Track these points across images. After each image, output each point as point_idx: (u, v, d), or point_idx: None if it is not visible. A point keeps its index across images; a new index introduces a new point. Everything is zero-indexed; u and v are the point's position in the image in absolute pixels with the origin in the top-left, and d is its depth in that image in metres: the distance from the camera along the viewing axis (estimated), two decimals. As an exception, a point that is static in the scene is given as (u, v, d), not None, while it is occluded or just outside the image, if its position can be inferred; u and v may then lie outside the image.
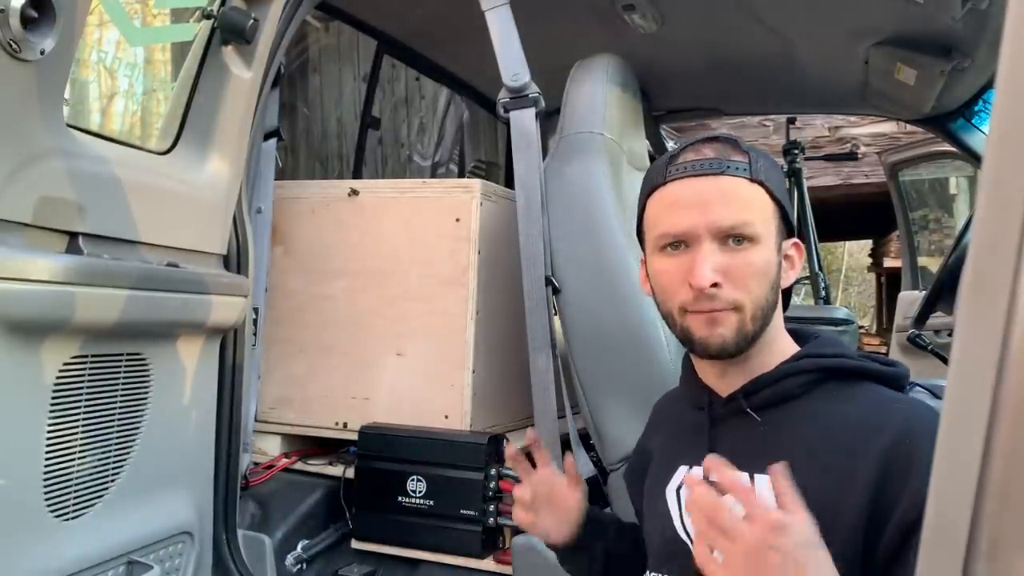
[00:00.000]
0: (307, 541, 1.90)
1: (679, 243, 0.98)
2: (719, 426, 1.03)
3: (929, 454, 0.78)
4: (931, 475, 0.44)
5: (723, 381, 1.03)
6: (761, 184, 0.97)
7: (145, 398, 1.46)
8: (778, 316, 1.02)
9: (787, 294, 1.07)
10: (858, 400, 0.96)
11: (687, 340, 1.01)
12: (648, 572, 1.09)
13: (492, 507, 1.78)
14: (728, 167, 0.96)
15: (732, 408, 1.01)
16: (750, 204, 0.96)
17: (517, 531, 1.77)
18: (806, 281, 4.21)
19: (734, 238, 0.95)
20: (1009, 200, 0.40)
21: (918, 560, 0.45)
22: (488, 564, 1.79)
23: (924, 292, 2.73)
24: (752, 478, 0.96)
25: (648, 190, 1.03)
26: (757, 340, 0.98)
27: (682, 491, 1.05)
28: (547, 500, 1.16)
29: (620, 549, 1.21)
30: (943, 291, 1.98)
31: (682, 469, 1.06)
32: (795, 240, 1.04)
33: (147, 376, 1.46)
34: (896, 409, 0.93)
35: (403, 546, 1.85)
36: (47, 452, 1.26)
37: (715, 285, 0.94)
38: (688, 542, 1.02)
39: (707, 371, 1.05)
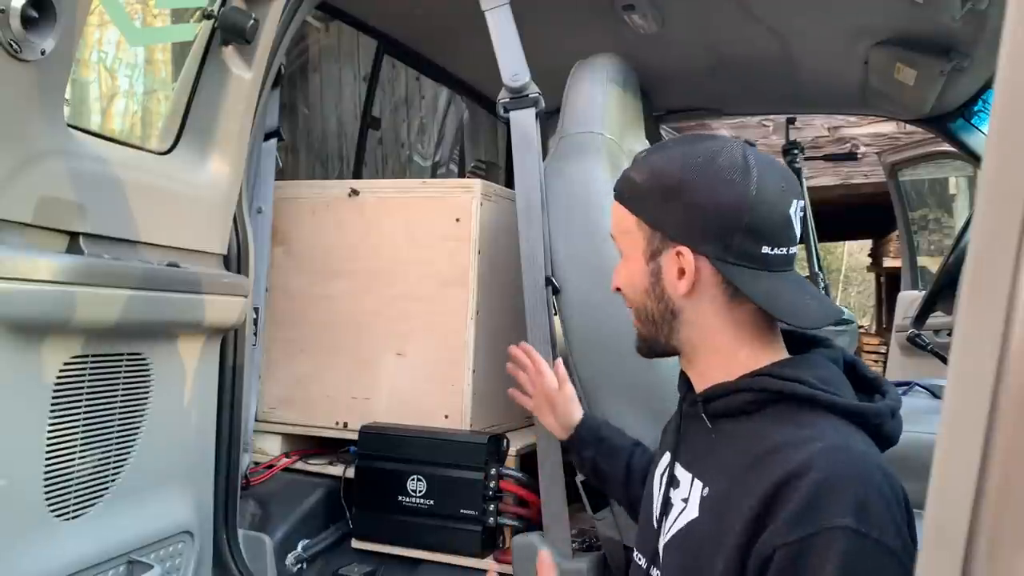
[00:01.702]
0: (307, 541, 1.90)
1: None
2: (687, 424, 1.08)
3: (808, 500, 0.83)
4: (930, 476, 0.44)
5: (693, 382, 1.07)
6: (622, 202, 1.07)
7: (145, 398, 1.46)
8: (714, 329, 1.00)
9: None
10: (792, 430, 0.90)
11: None
12: (635, 551, 1.14)
13: (492, 507, 1.78)
14: (615, 188, 1.09)
15: (695, 410, 1.04)
16: (617, 222, 1.08)
17: (517, 531, 1.77)
18: (806, 282, 4.20)
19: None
20: (1009, 200, 0.40)
21: (917, 559, 0.45)
22: (488, 564, 1.79)
23: (924, 292, 2.73)
24: (692, 481, 1.00)
25: None
26: (662, 346, 1.06)
27: (664, 477, 1.09)
28: (545, 399, 1.46)
29: (608, 466, 1.39)
30: (943, 291, 1.99)
31: (666, 456, 1.11)
32: (678, 248, 0.99)
33: (147, 376, 1.46)
34: (805, 450, 0.86)
35: (403, 546, 1.85)
36: (47, 452, 1.26)
37: (617, 290, 1.10)
38: (655, 527, 1.06)
39: None
